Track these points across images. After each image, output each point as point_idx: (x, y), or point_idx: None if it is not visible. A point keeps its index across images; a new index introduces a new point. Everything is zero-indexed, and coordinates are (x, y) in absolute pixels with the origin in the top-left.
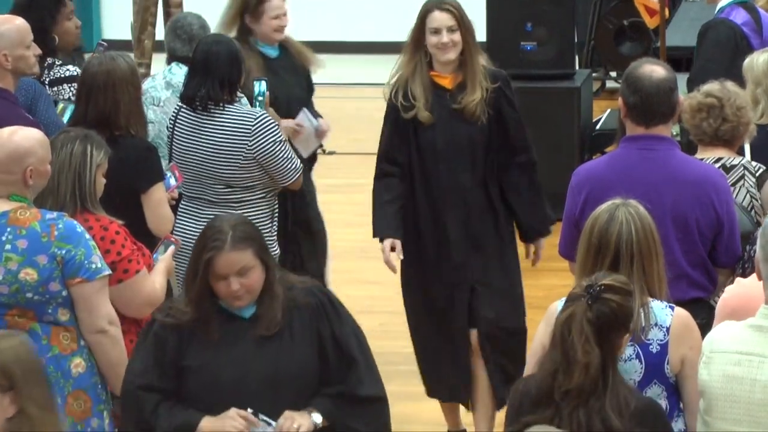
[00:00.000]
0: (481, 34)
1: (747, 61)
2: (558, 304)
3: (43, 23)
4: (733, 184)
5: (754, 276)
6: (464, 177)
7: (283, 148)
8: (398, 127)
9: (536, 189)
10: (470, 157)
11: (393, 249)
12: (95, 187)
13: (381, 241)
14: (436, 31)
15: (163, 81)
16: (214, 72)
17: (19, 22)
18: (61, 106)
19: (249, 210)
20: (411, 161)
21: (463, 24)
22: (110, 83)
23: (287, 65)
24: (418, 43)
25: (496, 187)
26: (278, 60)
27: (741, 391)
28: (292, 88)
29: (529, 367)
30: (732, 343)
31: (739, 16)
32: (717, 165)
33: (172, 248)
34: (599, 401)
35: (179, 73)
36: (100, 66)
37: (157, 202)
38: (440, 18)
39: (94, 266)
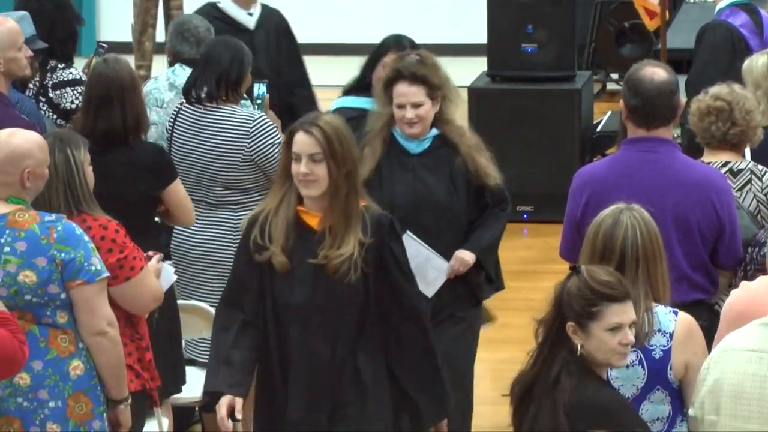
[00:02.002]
0: (482, 36)
1: (746, 63)
2: None
3: (72, 27)
4: (740, 189)
5: (760, 279)
6: (321, 347)
7: (281, 150)
8: (248, 270)
9: (430, 360)
10: (333, 323)
11: (231, 410)
12: (87, 184)
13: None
14: (297, 158)
15: (166, 82)
16: (212, 68)
17: (11, 25)
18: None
19: (247, 212)
20: (265, 313)
21: (332, 153)
22: (134, 85)
23: (431, 164)
24: (288, 170)
25: (373, 362)
26: (420, 156)
27: (752, 388)
28: (430, 190)
29: None
30: (742, 341)
31: (738, 18)
32: (724, 169)
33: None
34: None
35: (183, 74)
36: (121, 69)
37: (182, 197)
38: (301, 142)
39: (93, 268)
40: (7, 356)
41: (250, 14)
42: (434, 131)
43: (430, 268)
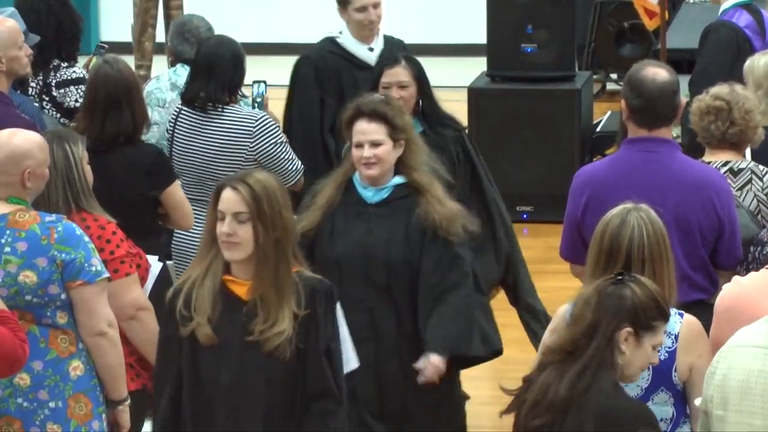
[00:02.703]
0: (481, 36)
1: (748, 63)
2: (566, 308)
3: (78, 26)
4: (740, 188)
5: (751, 275)
6: (251, 430)
7: (284, 149)
8: (173, 344)
9: None
10: (264, 405)
11: None
12: (86, 180)
13: None
14: (221, 217)
15: (168, 82)
16: (217, 74)
17: (11, 24)
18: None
19: None
20: (187, 391)
21: (259, 215)
22: (137, 85)
23: (388, 215)
24: (214, 231)
25: None
26: (377, 207)
27: (756, 384)
28: (383, 245)
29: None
30: (750, 337)
31: (742, 19)
32: (724, 168)
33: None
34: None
35: (184, 74)
36: (124, 69)
37: (180, 200)
38: (227, 199)
39: (94, 269)
40: (8, 354)
41: (371, 49)
42: (396, 179)
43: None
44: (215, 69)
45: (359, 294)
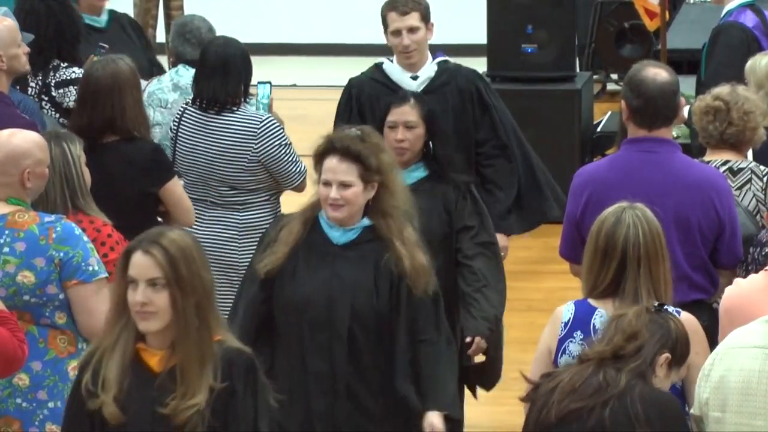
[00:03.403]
0: (481, 36)
1: (749, 63)
2: (563, 309)
3: (78, 27)
4: (740, 188)
5: (752, 277)
6: None
7: (288, 151)
8: (80, 420)
9: None
10: None
11: None
12: (84, 179)
13: None
14: (132, 283)
15: (170, 83)
16: (232, 74)
17: (8, 22)
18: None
19: (253, 212)
20: None
21: (177, 279)
22: (116, 87)
23: (355, 258)
24: (124, 299)
25: None
26: (344, 248)
27: (758, 384)
28: (348, 289)
29: (535, 372)
30: (747, 338)
31: (748, 19)
32: (724, 168)
33: None
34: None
35: (187, 75)
36: (104, 70)
37: (179, 195)
38: (138, 264)
39: (91, 268)
40: (7, 355)
41: (415, 78)
42: (365, 221)
43: None
44: (229, 69)
45: (320, 341)
